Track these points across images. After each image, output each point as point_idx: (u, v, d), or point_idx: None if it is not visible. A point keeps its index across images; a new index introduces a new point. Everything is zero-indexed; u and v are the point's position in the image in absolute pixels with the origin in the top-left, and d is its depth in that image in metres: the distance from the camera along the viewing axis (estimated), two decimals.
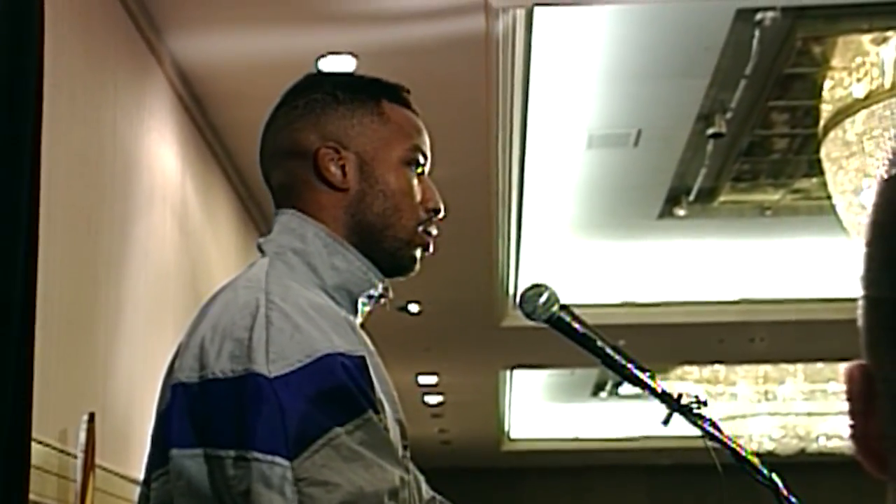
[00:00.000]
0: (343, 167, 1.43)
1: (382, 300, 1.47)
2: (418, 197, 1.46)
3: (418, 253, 1.47)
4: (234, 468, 1.23)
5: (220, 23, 4.08)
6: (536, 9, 4.39)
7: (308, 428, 1.22)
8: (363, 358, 1.30)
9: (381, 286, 1.45)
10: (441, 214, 1.49)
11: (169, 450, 1.29)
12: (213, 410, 1.26)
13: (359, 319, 1.44)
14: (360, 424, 1.24)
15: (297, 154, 1.44)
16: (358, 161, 1.43)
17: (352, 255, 1.42)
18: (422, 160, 1.48)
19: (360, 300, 1.43)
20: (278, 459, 1.20)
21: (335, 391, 1.25)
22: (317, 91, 1.46)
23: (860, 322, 0.59)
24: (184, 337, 1.36)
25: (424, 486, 1.56)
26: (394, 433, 1.34)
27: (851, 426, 0.59)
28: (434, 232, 1.49)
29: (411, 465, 1.43)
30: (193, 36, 4.15)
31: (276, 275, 1.35)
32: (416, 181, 1.47)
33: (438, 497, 1.59)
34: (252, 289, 1.33)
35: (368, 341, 1.40)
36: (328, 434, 1.22)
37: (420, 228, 1.46)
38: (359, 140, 1.44)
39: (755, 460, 1.40)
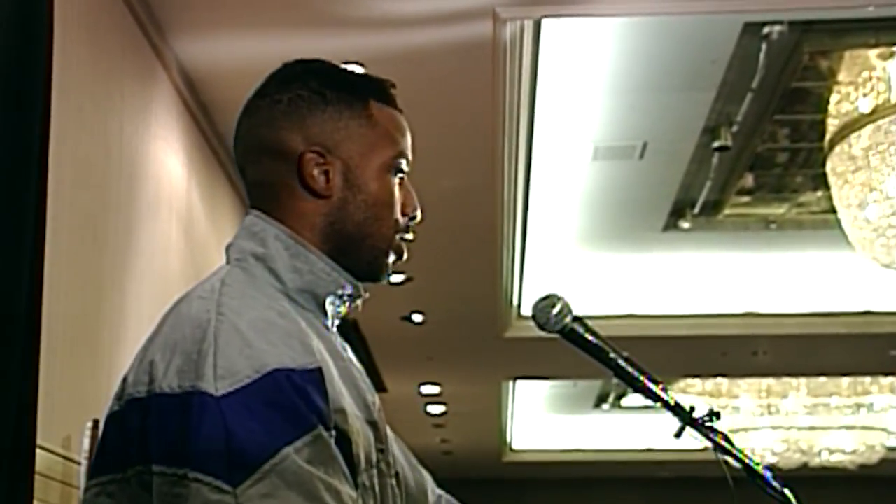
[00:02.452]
0: (327, 173, 1.37)
1: (358, 301, 1.43)
2: (399, 204, 1.42)
3: (392, 260, 1.43)
4: (175, 486, 1.19)
5: (227, 29, 4.09)
6: (544, 20, 4.40)
7: (254, 451, 1.18)
8: (318, 370, 1.25)
9: (349, 287, 1.39)
10: (418, 220, 1.44)
11: (121, 462, 1.26)
12: (158, 425, 1.23)
13: (333, 321, 1.40)
14: (308, 442, 1.20)
15: (279, 154, 1.38)
16: (343, 167, 1.38)
17: (314, 256, 1.37)
18: (405, 166, 1.43)
19: (329, 301, 1.38)
20: (222, 485, 1.17)
21: (284, 406, 1.21)
22: (302, 86, 1.39)
23: None
24: (139, 349, 1.33)
25: (430, 487, 1.55)
26: (365, 437, 1.31)
27: None
28: (410, 237, 1.45)
29: (397, 464, 1.42)
30: (199, 41, 4.15)
31: (233, 283, 1.32)
32: (397, 188, 1.42)
33: (445, 496, 1.58)
34: (206, 300, 1.30)
35: (339, 344, 1.38)
36: (274, 458, 1.18)
37: (397, 236, 1.42)
38: (345, 145, 1.38)
39: (767, 473, 1.39)
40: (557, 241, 7.07)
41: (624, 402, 11.33)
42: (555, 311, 1.48)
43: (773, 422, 10.70)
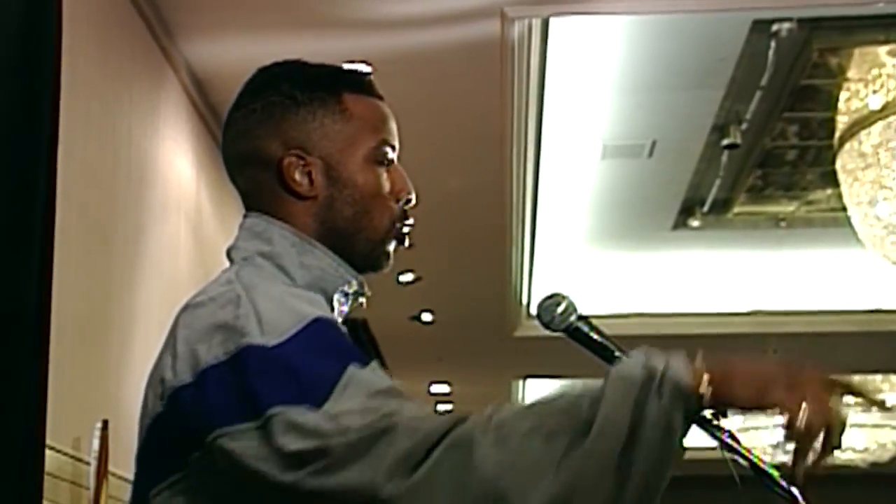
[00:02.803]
0: (309, 174, 1.37)
1: (361, 299, 1.42)
2: (387, 189, 1.40)
3: (392, 248, 1.42)
4: (255, 439, 1.17)
5: (235, 30, 4.09)
6: (552, 18, 4.39)
7: (324, 375, 1.18)
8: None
9: (355, 283, 1.40)
10: (413, 203, 1.43)
11: (179, 458, 1.24)
12: (214, 394, 1.21)
13: (337, 318, 1.39)
14: (369, 367, 1.21)
15: (261, 163, 1.39)
16: (324, 166, 1.37)
17: (321, 251, 1.37)
18: (390, 152, 1.42)
19: (336, 297, 1.38)
20: (304, 409, 1.15)
21: (338, 343, 1.23)
22: (273, 92, 1.40)
23: None
24: (161, 350, 1.31)
25: None
26: None
27: None
28: (410, 222, 1.43)
29: None
30: (208, 43, 4.16)
31: (247, 276, 1.32)
32: (384, 176, 1.41)
33: None
34: (226, 288, 1.30)
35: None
36: (346, 373, 1.18)
37: (396, 225, 1.41)
38: (323, 143, 1.38)
39: (774, 472, 1.38)
40: (566, 240, 7.06)
41: None
42: (559, 309, 1.47)
43: (783, 420, 10.67)
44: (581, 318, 1.47)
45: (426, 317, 7.57)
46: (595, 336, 1.47)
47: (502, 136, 4.99)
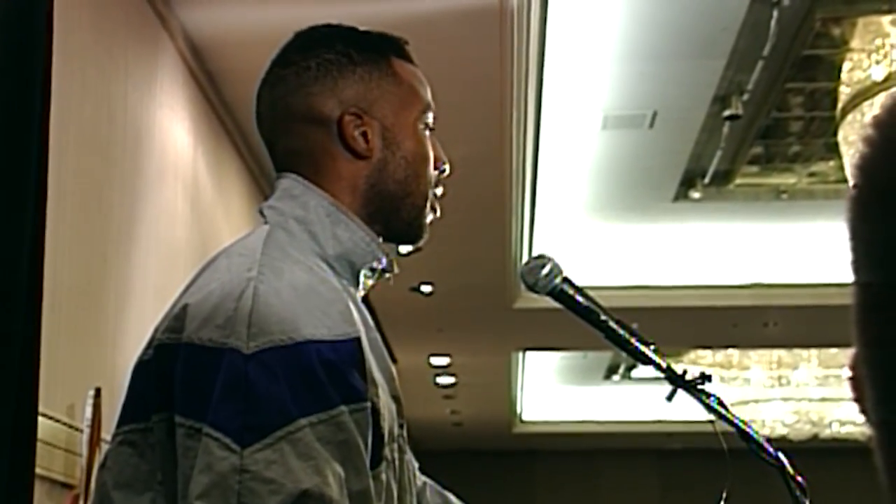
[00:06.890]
0: (365, 134, 1.37)
1: (387, 275, 1.41)
2: (432, 155, 1.42)
3: (429, 219, 1.43)
4: (190, 439, 1.18)
5: None
6: None
7: (270, 415, 1.16)
8: (356, 340, 1.23)
9: (384, 259, 1.39)
10: (447, 172, 1.45)
11: (145, 410, 1.26)
12: (184, 375, 1.21)
13: (360, 292, 1.38)
14: (325, 419, 1.18)
15: (316, 120, 1.37)
16: (380, 127, 1.38)
17: (355, 224, 1.36)
18: (431, 118, 1.43)
19: (363, 272, 1.37)
20: (231, 443, 1.15)
21: (308, 380, 1.19)
22: (328, 50, 1.39)
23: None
24: (176, 297, 1.32)
25: (416, 473, 1.51)
26: (389, 411, 1.29)
27: (861, 411, 0.59)
28: (439, 191, 1.44)
29: (405, 445, 1.38)
30: (205, 9, 4.12)
31: (274, 245, 1.30)
32: (428, 142, 1.42)
33: (429, 482, 1.56)
34: (246, 258, 1.28)
35: (368, 316, 1.35)
36: (289, 426, 1.16)
37: (431, 192, 1.42)
38: (378, 104, 1.38)
39: (761, 440, 1.36)
40: (567, 211, 7.04)
41: (634, 373, 11.33)
42: (544, 271, 1.45)
43: (783, 393, 10.69)
44: (566, 280, 1.45)
45: (426, 288, 7.55)
46: (580, 299, 1.45)
47: (502, 105, 4.95)
